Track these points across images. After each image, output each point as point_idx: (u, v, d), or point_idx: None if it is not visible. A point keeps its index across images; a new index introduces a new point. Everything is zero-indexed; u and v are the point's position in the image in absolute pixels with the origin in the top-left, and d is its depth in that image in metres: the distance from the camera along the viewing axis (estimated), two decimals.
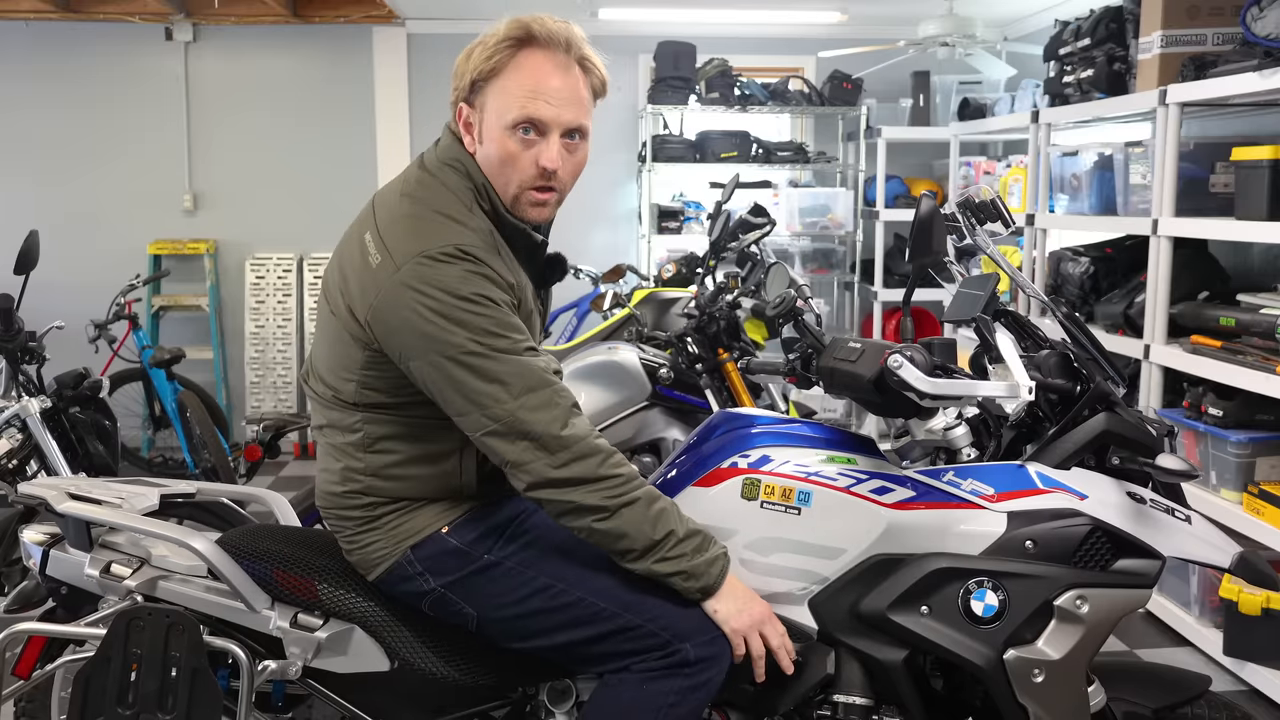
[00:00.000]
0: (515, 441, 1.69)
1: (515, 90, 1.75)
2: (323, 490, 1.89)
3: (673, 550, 1.73)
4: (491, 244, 1.77)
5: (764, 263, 3.54)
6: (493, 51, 1.76)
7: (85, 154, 6.32)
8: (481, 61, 1.76)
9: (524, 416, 1.68)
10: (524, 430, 1.68)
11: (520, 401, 1.68)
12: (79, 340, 5.00)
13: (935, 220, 1.86)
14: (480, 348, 1.67)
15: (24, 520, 3.31)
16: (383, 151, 6.41)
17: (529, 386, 1.69)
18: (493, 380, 1.68)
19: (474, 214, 1.78)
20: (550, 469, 1.69)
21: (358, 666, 1.87)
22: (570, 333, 5.80)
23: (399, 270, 1.70)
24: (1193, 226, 3.61)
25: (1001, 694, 1.77)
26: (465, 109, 1.81)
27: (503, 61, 1.76)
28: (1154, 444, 1.85)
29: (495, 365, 1.68)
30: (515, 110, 1.75)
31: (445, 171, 1.82)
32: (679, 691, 1.74)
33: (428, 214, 1.75)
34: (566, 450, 1.69)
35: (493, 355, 1.68)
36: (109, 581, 1.89)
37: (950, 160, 5.82)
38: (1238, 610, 3.26)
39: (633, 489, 1.73)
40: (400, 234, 1.73)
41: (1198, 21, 3.81)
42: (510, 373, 1.69)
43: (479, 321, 1.68)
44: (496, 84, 1.76)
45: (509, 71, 1.76)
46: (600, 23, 6.11)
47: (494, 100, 1.77)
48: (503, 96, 1.76)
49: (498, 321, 1.70)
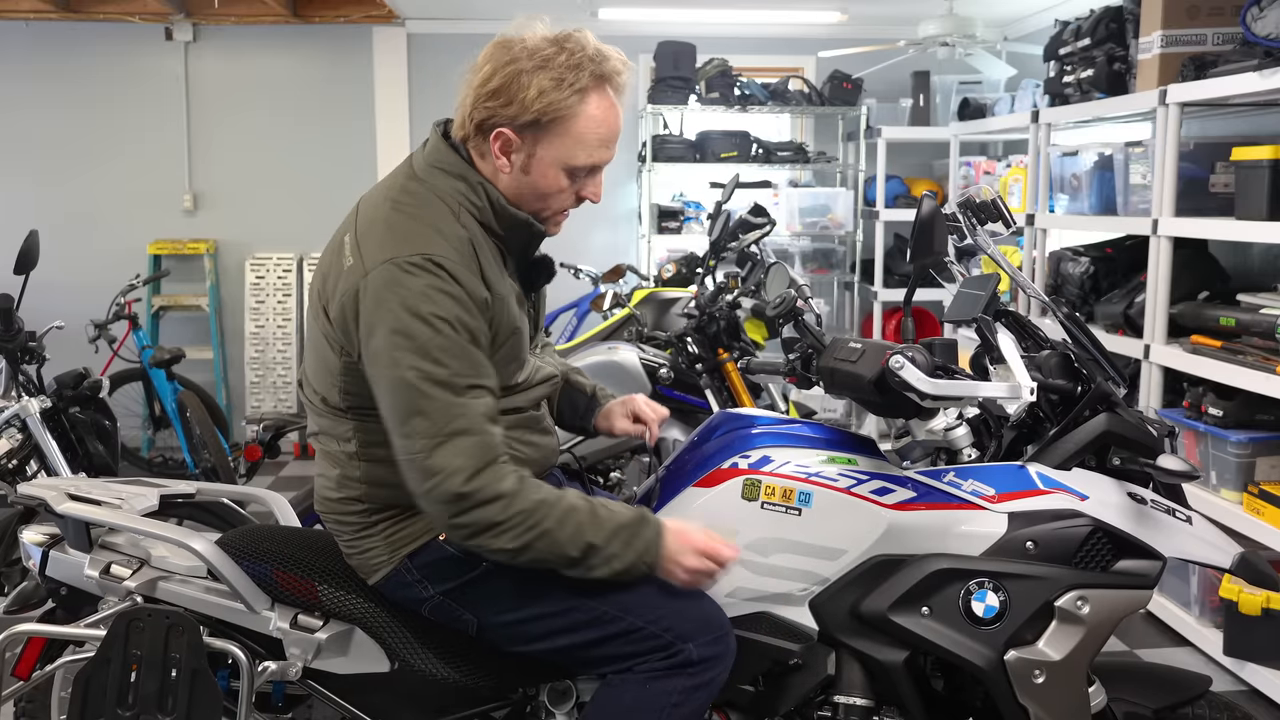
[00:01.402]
0: (420, 481, 1.65)
1: (590, 140, 1.73)
2: (320, 495, 1.88)
3: (597, 560, 1.69)
4: (469, 253, 1.71)
5: (764, 263, 3.54)
6: (566, 94, 1.69)
7: (85, 154, 6.32)
8: (555, 96, 1.68)
9: (431, 463, 1.63)
10: (428, 472, 1.63)
11: (434, 443, 1.62)
12: (79, 340, 5.00)
13: (936, 220, 1.86)
14: (416, 375, 1.62)
15: (24, 521, 3.32)
16: (383, 151, 6.41)
17: (450, 431, 1.63)
18: (416, 413, 1.63)
19: (461, 219, 1.74)
20: (448, 518, 1.65)
21: (358, 667, 1.87)
22: (570, 333, 5.80)
23: (366, 275, 1.67)
24: (1193, 226, 3.61)
25: (1002, 695, 1.77)
26: (509, 135, 1.73)
27: (573, 108, 1.70)
28: (1155, 444, 1.85)
29: (423, 399, 1.62)
30: (584, 158, 1.74)
31: (434, 175, 1.78)
32: (682, 691, 1.74)
33: (405, 220, 1.72)
34: (463, 502, 1.63)
35: (424, 386, 1.62)
36: (109, 582, 1.89)
37: (950, 160, 5.82)
38: (1238, 610, 3.25)
39: (540, 519, 1.66)
40: (375, 238, 1.71)
41: (1198, 21, 3.81)
42: (436, 410, 1.63)
43: (427, 343, 1.63)
44: (564, 128, 1.71)
45: (580, 119, 1.71)
46: (600, 23, 6.10)
47: (559, 142, 1.72)
48: (571, 143, 1.72)
49: (446, 348, 1.64)
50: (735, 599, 1.86)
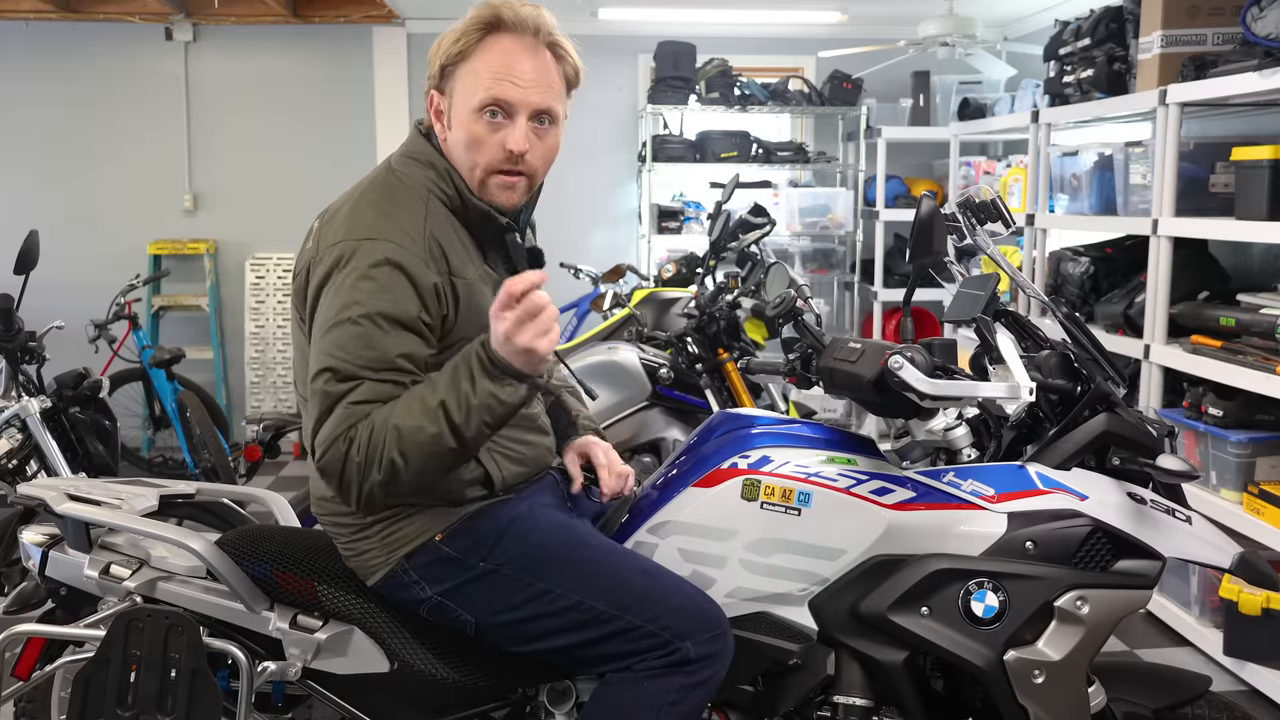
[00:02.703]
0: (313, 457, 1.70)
1: (483, 72, 1.75)
2: (315, 497, 1.88)
3: (460, 406, 1.62)
4: (425, 242, 1.72)
5: (764, 263, 3.54)
6: (460, 35, 1.77)
7: (85, 154, 6.32)
8: (450, 46, 1.78)
9: (314, 442, 1.66)
10: (311, 450, 1.67)
11: (315, 424, 1.66)
12: (79, 340, 5.00)
13: (935, 220, 1.86)
14: (327, 360, 1.65)
15: (24, 521, 3.32)
16: (382, 152, 6.40)
17: (327, 415, 1.65)
18: (315, 394, 1.66)
19: (429, 205, 1.77)
20: (334, 490, 1.69)
21: (357, 668, 1.86)
22: (570, 333, 5.80)
23: (317, 255, 1.73)
24: (1193, 226, 3.61)
25: (1002, 695, 1.77)
26: (436, 96, 1.81)
27: (471, 46, 1.76)
28: (1154, 444, 1.85)
29: (323, 384, 1.65)
30: (482, 92, 1.75)
31: (406, 164, 1.82)
32: (680, 689, 1.73)
33: (364, 208, 1.75)
34: (329, 472, 1.65)
35: (328, 373, 1.64)
36: (108, 582, 1.89)
37: (950, 160, 5.82)
38: (1238, 610, 3.25)
39: (385, 431, 1.61)
40: (334, 225, 1.75)
41: (1198, 21, 3.81)
42: (326, 395, 1.65)
43: (336, 320, 1.65)
44: (465, 68, 1.77)
45: (477, 55, 1.76)
46: (600, 23, 6.11)
47: (462, 84, 1.77)
48: (470, 79, 1.76)
49: (353, 333, 1.64)
50: (734, 599, 1.86)
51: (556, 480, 2.00)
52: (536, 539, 1.82)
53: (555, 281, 5.90)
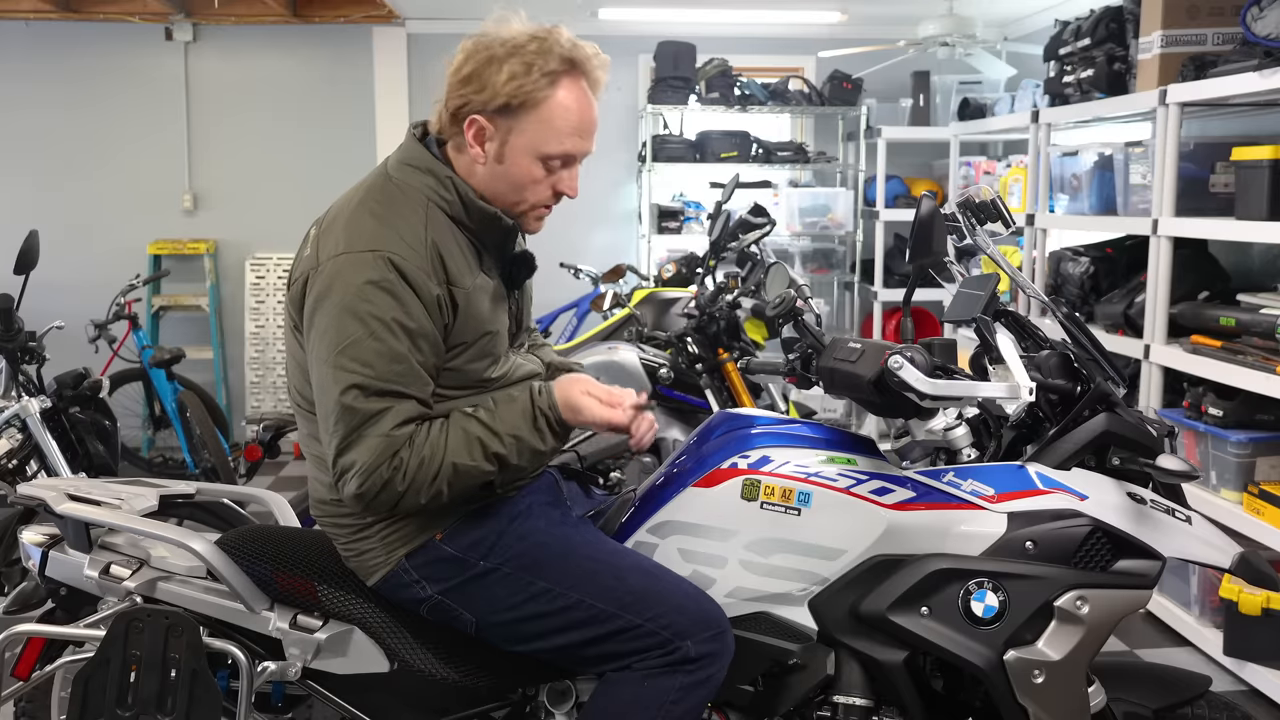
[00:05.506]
0: (333, 477, 1.71)
1: (561, 126, 1.73)
2: (314, 499, 1.88)
3: (515, 458, 1.73)
4: (427, 251, 1.71)
5: (764, 263, 3.54)
6: (529, 73, 1.70)
7: (85, 154, 6.32)
8: (515, 85, 1.70)
9: (341, 461, 1.67)
10: (337, 471, 1.69)
11: (345, 444, 1.66)
12: (79, 340, 5.00)
13: (935, 220, 1.86)
14: (341, 374, 1.65)
15: (24, 521, 3.32)
16: (382, 152, 6.38)
17: (360, 434, 1.65)
18: (333, 411, 1.66)
19: (428, 213, 1.75)
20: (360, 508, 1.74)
21: (357, 668, 1.87)
22: (570, 333, 5.80)
23: (318, 266, 1.71)
24: (1193, 226, 3.61)
25: (1001, 695, 1.77)
26: (482, 123, 1.75)
27: (543, 92, 1.72)
28: (1154, 444, 1.85)
29: (342, 398, 1.65)
30: (556, 145, 1.74)
31: (404, 171, 1.80)
32: (680, 689, 1.74)
33: (365, 217, 1.73)
34: (364, 498, 1.68)
35: (346, 387, 1.64)
36: (108, 583, 1.89)
37: (950, 160, 5.81)
38: (1238, 610, 3.25)
39: (439, 466, 1.67)
40: (334, 233, 1.74)
41: (1198, 21, 3.81)
42: (351, 412, 1.65)
43: (357, 344, 1.65)
44: (534, 115, 1.73)
45: (548, 104, 1.73)
46: (600, 23, 6.10)
47: (531, 129, 1.73)
48: (541, 129, 1.73)
49: (378, 351, 1.65)
50: (734, 599, 1.86)
51: (556, 479, 2.00)
52: (536, 538, 1.82)
53: (555, 281, 5.90)
